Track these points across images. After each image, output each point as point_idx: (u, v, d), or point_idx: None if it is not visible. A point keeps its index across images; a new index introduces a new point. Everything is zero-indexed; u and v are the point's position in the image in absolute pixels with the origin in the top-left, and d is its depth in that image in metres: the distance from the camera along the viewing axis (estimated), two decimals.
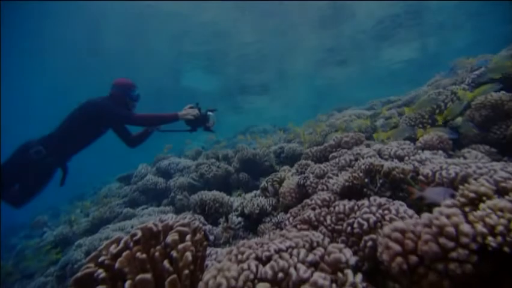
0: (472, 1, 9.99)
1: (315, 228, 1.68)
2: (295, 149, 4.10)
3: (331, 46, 13.00)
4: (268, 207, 2.59)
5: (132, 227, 3.45)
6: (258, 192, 3.07)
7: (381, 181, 1.70)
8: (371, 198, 1.57)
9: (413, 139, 2.50)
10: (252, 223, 2.61)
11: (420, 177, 1.66)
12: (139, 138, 3.40)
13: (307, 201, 1.90)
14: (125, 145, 3.44)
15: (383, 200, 1.53)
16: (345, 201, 1.66)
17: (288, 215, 1.96)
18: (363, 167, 1.75)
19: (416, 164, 1.95)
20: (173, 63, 13.32)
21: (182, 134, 3.29)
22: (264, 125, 12.19)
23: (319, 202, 1.82)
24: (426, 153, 2.07)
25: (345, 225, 1.53)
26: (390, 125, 3.52)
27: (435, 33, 12.32)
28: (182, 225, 1.47)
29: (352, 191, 1.79)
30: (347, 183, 1.75)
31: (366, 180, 1.72)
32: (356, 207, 1.57)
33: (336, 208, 1.64)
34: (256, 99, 19.89)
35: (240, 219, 2.68)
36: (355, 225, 1.47)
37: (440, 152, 2.14)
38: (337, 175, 2.16)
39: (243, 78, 15.71)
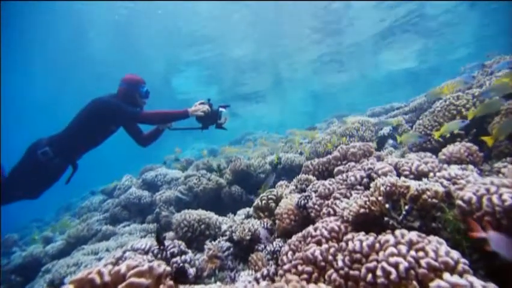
0: (473, 10, 9.82)
1: (322, 270, 1.27)
2: (293, 159, 3.71)
3: (329, 52, 12.77)
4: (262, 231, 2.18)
5: (107, 250, 3.01)
6: (251, 210, 2.67)
7: (407, 208, 1.30)
8: (398, 233, 1.17)
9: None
10: (243, 250, 2.20)
11: (459, 202, 1.27)
12: (150, 137, 3.26)
13: (311, 230, 1.50)
14: (137, 144, 3.31)
15: (413, 235, 1.13)
16: (361, 235, 1.26)
17: (287, 247, 1.55)
18: (382, 188, 1.36)
19: (445, 182, 1.56)
20: (166, 69, 12.98)
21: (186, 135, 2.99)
22: (261, 132, 11.83)
23: (325, 233, 1.42)
24: (454, 169, 1.69)
25: (363, 270, 1.12)
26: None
27: (435, 39, 12.14)
28: (138, 273, 1.06)
29: (368, 220, 1.39)
30: (362, 210, 1.35)
31: (387, 206, 1.33)
32: (377, 245, 1.17)
33: (350, 244, 1.23)
34: (253, 106, 19.59)
35: (228, 244, 2.26)
36: (378, 272, 1.07)
37: (471, 166, 1.76)
38: (346, 195, 1.76)
39: (239, 84, 15.41)
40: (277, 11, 9.77)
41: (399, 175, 1.77)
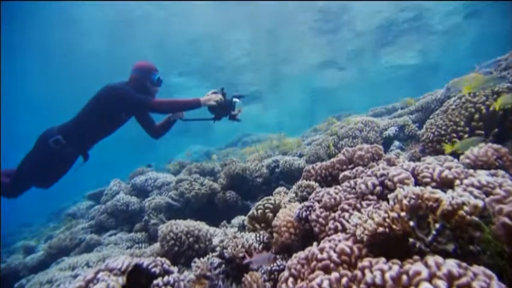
0: (473, 5, 9.63)
1: None
2: (292, 163, 3.45)
3: (328, 52, 12.55)
4: (257, 246, 1.91)
5: (87, 264, 2.72)
6: (246, 220, 2.39)
7: (438, 226, 1.04)
8: (431, 261, 0.90)
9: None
10: (236, 268, 1.93)
11: (505, 220, 1.00)
12: (162, 128, 3.18)
13: (316, 252, 1.23)
14: (149, 136, 3.23)
15: (453, 265, 0.87)
16: (382, 263, 1.00)
17: (286, 272, 1.28)
18: (405, 201, 1.09)
19: (476, 192, 1.30)
20: (161, 70, 12.70)
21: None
22: (258, 134, 11.55)
23: (334, 257, 1.15)
24: (483, 175, 1.43)
25: None
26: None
27: (436, 38, 11.95)
28: None
29: (388, 240, 1.12)
30: (380, 229, 1.09)
31: (411, 224, 1.06)
32: (404, 278, 0.90)
33: (368, 275, 0.97)
34: (250, 106, 19.32)
35: (219, 260, 1.99)
36: None
37: (501, 172, 1.50)
38: (355, 207, 1.50)
39: (235, 84, 15.12)
40: (275, 10, 9.55)
41: (417, 183, 1.51)
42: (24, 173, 2.72)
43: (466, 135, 2.13)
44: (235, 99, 2.78)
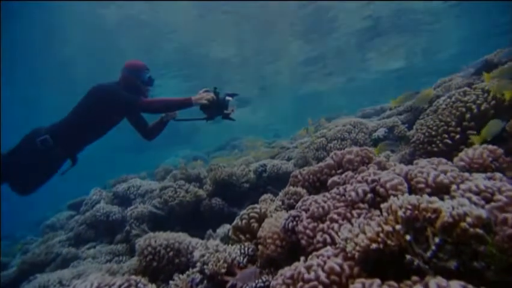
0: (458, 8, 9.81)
1: None
2: (280, 167, 3.32)
3: (314, 55, 12.57)
4: (241, 260, 1.76)
5: (60, 283, 2.51)
6: (230, 230, 2.24)
7: (437, 241, 0.92)
8: (433, 284, 0.78)
9: None
10: (219, 284, 1.77)
11: (511, 231, 0.89)
12: (155, 129, 3.10)
13: (302, 270, 1.09)
14: (143, 138, 3.15)
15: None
16: (376, 286, 0.87)
17: None
18: (400, 212, 0.98)
19: (474, 198, 1.20)
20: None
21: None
22: (247, 137, 11.42)
23: (323, 277, 1.02)
24: (480, 179, 1.33)
25: None
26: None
27: (421, 41, 12.13)
28: None
29: (383, 256, 1.00)
30: (374, 245, 0.96)
31: (408, 238, 0.94)
32: None
33: None
34: (238, 110, 19.19)
35: (200, 276, 1.83)
36: None
37: (498, 174, 1.40)
38: (345, 217, 1.37)
39: (222, 89, 15.01)
40: (259, 16, 9.51)
41: (411, 188, 1.41)
42: (3, 167, 2.52)
43: (458, 136, 2.05)
44: (228, 98, 2.69)
